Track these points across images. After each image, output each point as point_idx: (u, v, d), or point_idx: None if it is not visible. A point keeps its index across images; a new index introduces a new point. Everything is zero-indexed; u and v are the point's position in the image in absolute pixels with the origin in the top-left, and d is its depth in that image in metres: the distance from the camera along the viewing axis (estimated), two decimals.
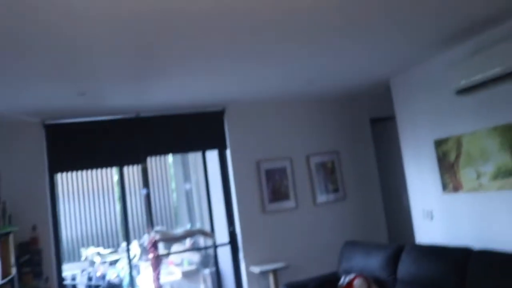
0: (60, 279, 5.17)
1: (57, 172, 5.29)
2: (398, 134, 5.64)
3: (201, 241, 6.67)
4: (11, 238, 4.11)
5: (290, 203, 6.00)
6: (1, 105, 4.41)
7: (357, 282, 4.05)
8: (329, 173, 6.28)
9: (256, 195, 5.86)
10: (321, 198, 6.17)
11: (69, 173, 5.47)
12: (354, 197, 6.35)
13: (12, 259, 4.10)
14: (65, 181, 7.82)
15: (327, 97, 6.28)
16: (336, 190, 6.27)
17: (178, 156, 8.09)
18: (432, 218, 5.10)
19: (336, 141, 6.40)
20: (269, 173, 5.96)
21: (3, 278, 3.75)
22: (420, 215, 5.31)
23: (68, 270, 5.85)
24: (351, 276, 4.18)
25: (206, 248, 6.62)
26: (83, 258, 6.94)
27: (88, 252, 7.03)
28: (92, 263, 6.84)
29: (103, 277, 6.63)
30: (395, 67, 5.10)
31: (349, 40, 3.88)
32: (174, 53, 3.60)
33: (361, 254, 4.47)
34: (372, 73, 5.29)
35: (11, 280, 3.98)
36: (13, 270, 4.08)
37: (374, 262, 4.22)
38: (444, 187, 4.83)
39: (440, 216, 4.98)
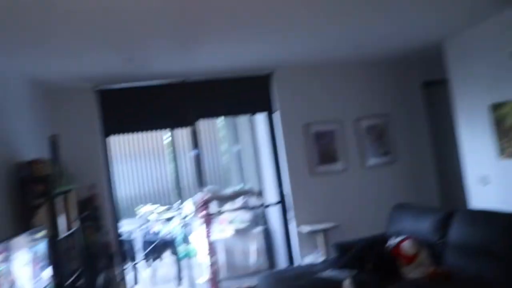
0: (118, 234, 5.45)
1: (110, 134, 5.50)
2: (451, 97, 5.49)
3: (252, 200, 6.83)
4: (72, 195, 4.35)
5: (339, 166, 6.01)
6: (54, 73, 4.61)
7: (407, 243, 4.05)
8: (379, 136, 6.21)
9: (305, 157, 5.89)
10: (371, 161, 6.14)
11: (123, 136, 5.73)
12: (404, 161, 6.26)
13: (75, 214, 4.35)
14: (119, 143, 8.12)
15: (377, 60, 6.14)
16: (386, 154, 6.21)
17: (228, 119, 8.21)
18: (487, 183, 4.99)
19: (387, 104, 6.28)
20: (318, 136, 5.96)
21: (67, 230, 4.01)
22: (474, 181, 5.21)
23: (125, 226, 6.18)
24: (401, 237, 4.18)
25: (256, 207, 6.77)
26: (139, 215, 7.26)
27: (144, 209, 7.33)
28: (148, 220, 7.14)
29: (157, 233, 6.93)
30: (449, 28, 4.92)
31: (402, 1, 3.77)
32: (221, 19, 3.59)
33: (411, 217, 4.45)
34: (424, 35, 5.12)
35: (75, 233, 4.25)
36: (76, 224, 4.34)
37: (424, 225, 4.18)
38: (501, 152, 4.70)
39: (496, 181, 4.87)
